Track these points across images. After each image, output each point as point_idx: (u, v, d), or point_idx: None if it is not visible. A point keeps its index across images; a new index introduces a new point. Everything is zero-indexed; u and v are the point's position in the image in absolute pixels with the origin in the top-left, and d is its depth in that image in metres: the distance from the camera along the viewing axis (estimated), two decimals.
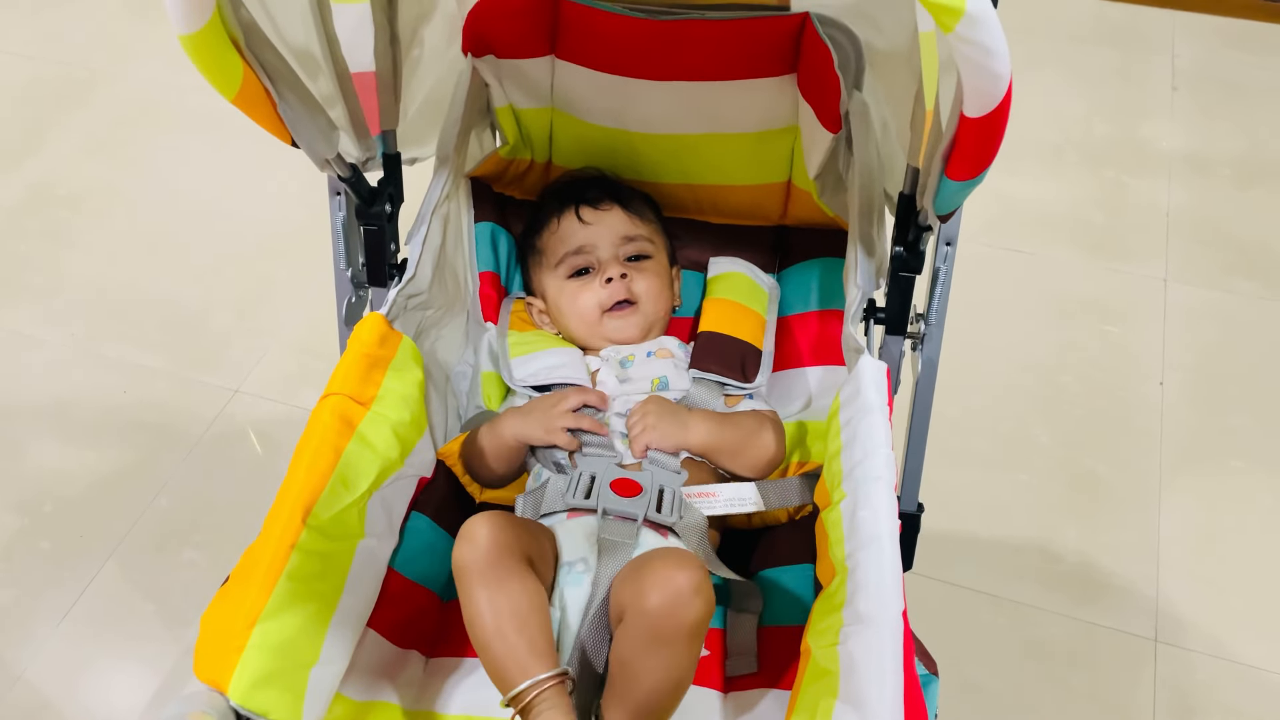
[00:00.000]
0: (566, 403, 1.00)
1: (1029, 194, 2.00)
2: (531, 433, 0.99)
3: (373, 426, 0.91)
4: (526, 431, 0.99)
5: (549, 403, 1.01)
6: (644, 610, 0.78)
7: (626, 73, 1.11)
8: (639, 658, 0.79)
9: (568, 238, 1.13)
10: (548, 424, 0.99)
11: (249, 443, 1.63)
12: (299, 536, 0.81)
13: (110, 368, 1.72)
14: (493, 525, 0.83)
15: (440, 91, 1.11)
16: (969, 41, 0.56)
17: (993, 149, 0.65)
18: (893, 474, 0.81)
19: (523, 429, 0.99)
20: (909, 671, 0.72)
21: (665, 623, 0.78)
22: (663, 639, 0.78)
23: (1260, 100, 2.23)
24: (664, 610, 0.78)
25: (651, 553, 0.87)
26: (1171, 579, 1.44)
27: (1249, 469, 1.57)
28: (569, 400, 1.00)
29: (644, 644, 0.79)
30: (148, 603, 1.42)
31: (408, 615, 0.92)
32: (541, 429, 0.98)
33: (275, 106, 0.79)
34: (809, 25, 1.06)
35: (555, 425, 0.99)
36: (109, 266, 1.89)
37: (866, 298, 0.97)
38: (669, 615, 0.78)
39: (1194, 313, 1.80)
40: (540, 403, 1.02)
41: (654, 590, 0.78)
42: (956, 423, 1.56)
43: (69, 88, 2.27)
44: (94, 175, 2.07)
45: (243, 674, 0.73)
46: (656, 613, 0.78)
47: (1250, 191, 2.02)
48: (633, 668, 0.80)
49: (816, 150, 1.10)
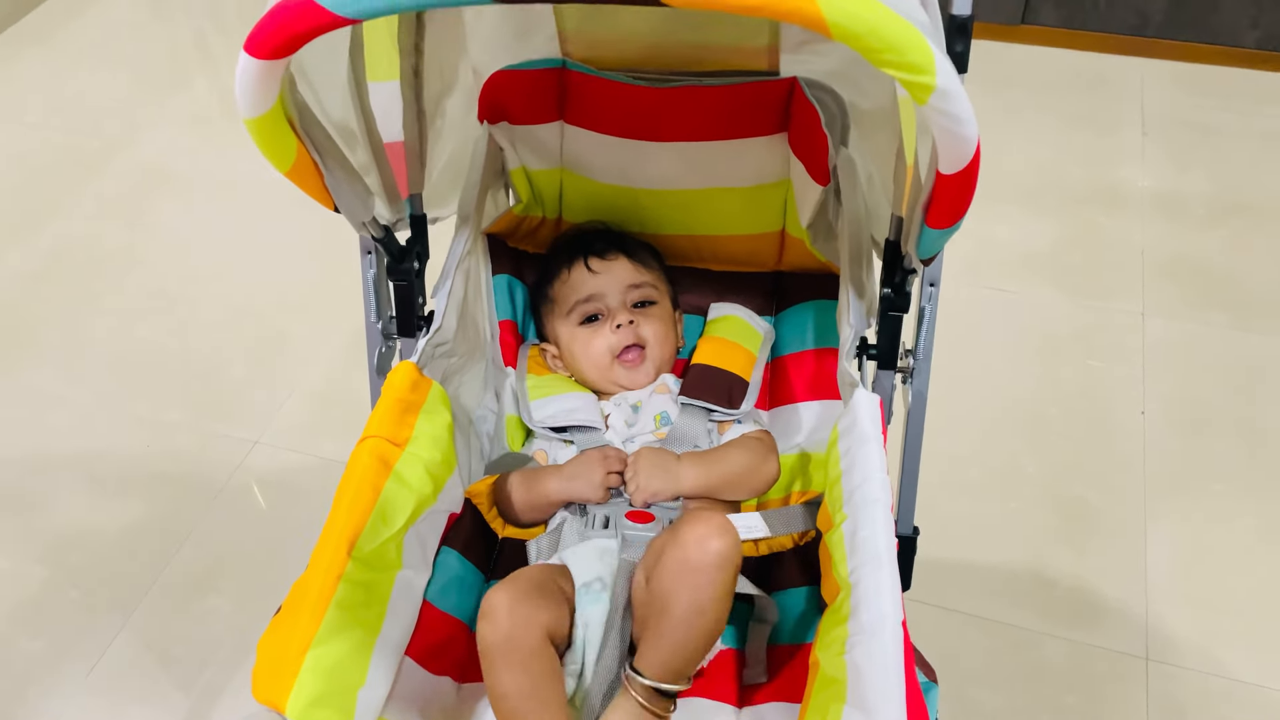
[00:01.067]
0: (611, 466, 1.06)
1: (1010, 236, 2.05)
2: (583, 493, 1.04)
3: (408, 466, 0.96)
4: (576, 492, 1.05)
5: (591, 467, 1.06)
6: (677, 542, 0.87)
7: (631, 135, 1.19)
8: (672, 586, 0.87)
9: (578, 286, 1.19)
10: (596, 489, 1.04)
11: (270, 491, 1.65)
12: (345, 568, 0.85)
13: (133, 423, 1.74)
14: (510, 601, 0.88)
15: (460, 156, 1.17)
16: (941, 112, 0.63)
17: (966, 200, 0.72)
18: (889, 497, 0.87)
19: (571, 490, 1.05)
20: (910, 677, 0.77)
21: (694, 550, 0.86)
22: (691, 566, 0.86)
23: (1225, 142, 2.28)
24: (694, 539, 0.86)
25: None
26: (1160, 599, 1.47)
27: (1230, 491, 1.61)
28: (612, 463, 1.06)
29: (675, 572, 0.87)
30: (175, 648, 1.44)
31: (440, 643, 0.96)
32: (592, 490, 1.04)
33: (323, 177, 0.85)
34: (797, 88, 1.14)
35: (603, 487, 1.05)
36: (128, 326, 1.93)
37: (859, 336, 1.02)
38: (698, 544, 0.86)
39: (1171, 344, 1.83)
40: (582, 468, 1.06)
41: (686, 527, 0.87)
42: (949, 456, 1.59)
43: (84, 156, 2.31)
44: (111, 239, 2.12)
45: (299, 695, 0.78)
46: (686, 540, 0.86)
47: (1219, 229, 2.07)
48: (665, 598, 0.87)
49: (808, 202, 1.17)
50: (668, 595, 0.87)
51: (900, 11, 0.59)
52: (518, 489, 1.08)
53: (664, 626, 0.87)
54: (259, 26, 0.64)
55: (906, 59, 0.60)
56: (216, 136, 2.41)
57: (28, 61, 2.66)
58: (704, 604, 0.87)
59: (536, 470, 1.09)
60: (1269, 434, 1.70)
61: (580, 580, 0.97)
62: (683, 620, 0.87)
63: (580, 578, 0.97)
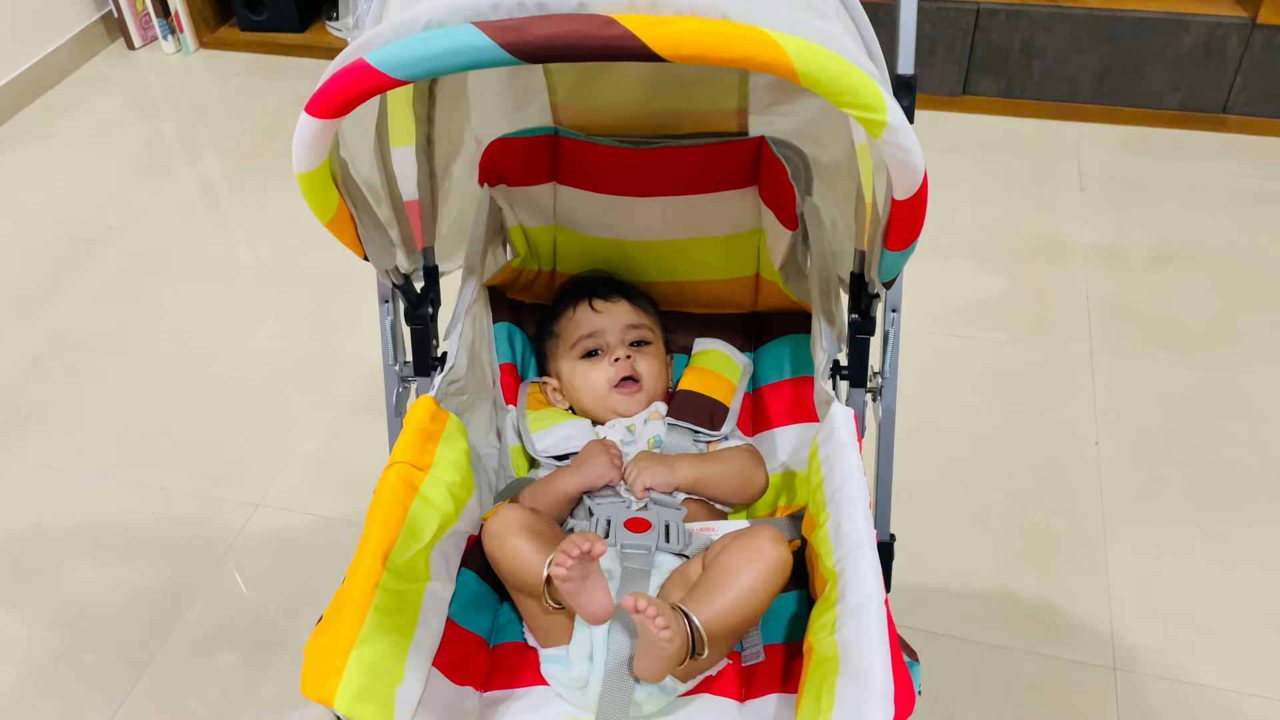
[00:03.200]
0: (611, 449, 1.16)
1: (966, 286, 2.13)
2: (596, 473, 1.13)
3: (432, 487, 1.02)
4: (590, 475, 1.13)
5: (596, 451, 1.15)
6: (753, 534, 0.98)
7: (617, 192, 1.27)
8: (740, 563, 0.96)
9: (582, 324, 1.27)
10: (607, 467, 1.13)
11: (273, 550, 1.67)
12: (380, 577, 0.91)
13: (136, 492, 1.76)
14: (514, 512, 1.01)
15: (465, 214, 1.26)
16: (893, 144, 0.75)
17: (919, 221, 0.83)
18: (866, 494, 0.95)
19: (585, 476, 1.14)
20: (894, 647, 0.84)
21: (768, 545, 0.97)
22: (763, 554, 0.97)
23: (1157, 195, 2.38)
24: (768, 539, 0.97)
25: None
26: (1123, 613, 1.52)
27: (1180, 512, 1.67)
28: (612, 448, 1.16)
29: (746, 552, 0.97)
30: (189, 703, 1.46)
31: (461, 656, 1.02)
32: (604, 469, 1.13)
33: (356, 228, 0.92)
34: (765, 146, 1.25)
35: (612, 465, 1.14)
36: (129, 402, 1.95)
37: (832, 359, 1.10)
38: (772, 543, 0.97)
39: (1119, 380, 1.91)
40: (589, 456, 1.16)
41: (758, 530, 0.99)
42: (919, 488, 1.63)
43: (82, 244, 2.36)
44: (109, 320, 2.15)
45: (346, 689, 0.83)
46: (761, 536, 0.98)
47: (1157, 274, 2.16)
48: (728, 571, 0.96)
49: (779, 246, 1.27)
50: (732, 569, 0.96)
51: (856, 63, 0.71)
52: (534, 492, 1.15)
53: (720, 588, 0.95)
54: (320, 90, 0.73)
55: (862, 100, 0.71)
56: (206, 220, 2.50)
57: (22, 155, 2.73)
58: (759, 587, 0.96)
59: (547, 475, 1.18)
60: (1212, 459, 1.77)
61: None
62: (740, 591, 0.95)
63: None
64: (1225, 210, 2.34)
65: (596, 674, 0.97)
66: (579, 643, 0.99)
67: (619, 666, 0.96)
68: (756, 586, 0.96)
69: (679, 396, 1.26)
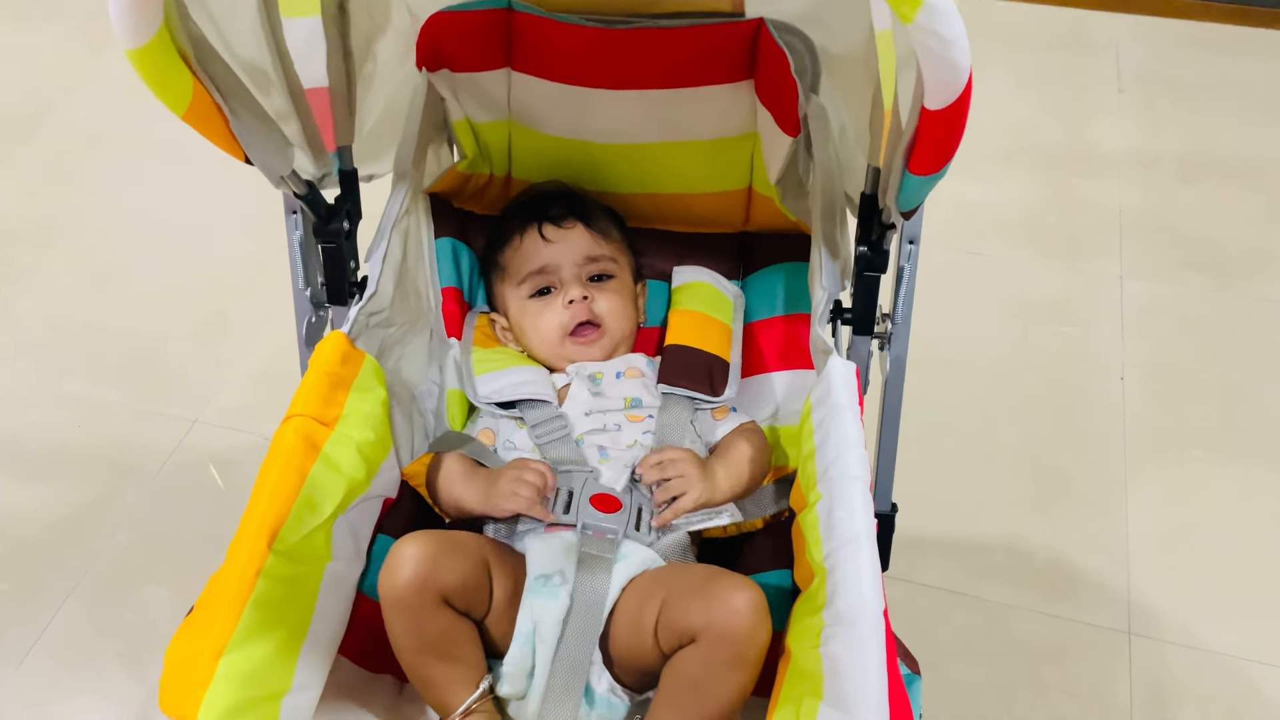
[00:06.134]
0: (532, 477, 0.96)
1: (983, 198, 2.03)
2: (506, 502, 0.96)
3: (337, 447, 0.90)
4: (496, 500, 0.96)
5: (512, 476, 0.97)
6: (729, 634, 0.81)
7: (583, 83, 1.12)
8: (718, 678, 0.82)
9: (530, 256, 1.14)
10: (518, 501, 0.95)
11: (210, 474, 1.61)
12: (264, 562, 0.80)
13: (64, 403, 1.69)
14: (414, 559, 0.84)
15: (396, 106, 1.11)
16: (929, 32, 0.57)
17: (954, 141, 0.66)
18: (867, 472, 0.82)
19: (488, 500, 0.97)
20: (893, 671, 0.73)
21: (748, 645, 0.81)
22: (744, 660, 0.81)
23: (1204, 100, 2.28)
24: (747, 633, 0.81)
25: (708, 574, 0.88)
26: (1142, 571, 1.46)
27: (1210, 458, 1.59)
28: (526, 474, 0.97)
29: (725, 666, 0.81)
30: (110, 640, 1.40)
31: (378, 639, 0.90)
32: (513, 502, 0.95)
33: (228, 123, 0.79)
34: (764, 31, 1.07)
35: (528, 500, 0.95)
36: (59, 301, 1.87)
37: (833, 299, 0.98)
38: (750, 638, 0.81)
39: (1149, 308, 1.82)
40: (502, 478, 0.98)
41: (738, 615, 0.81)
42: (922, 424, 1.53)
43: (14, 124, 2.25)
44: (40, 209, 2.05)
45: (211, 707, 0.72)
46: (743, 636, 0.81)
47: (1197, 187, 2.07)
48: (709, 688, 0.82)
49: (776, 155, 1.11)
50: (714, 688, 0.82)
51: None
52: (444, 485, 1.00)
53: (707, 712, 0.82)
54: None
55: None
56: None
57: None
58: (746, 694, 0.83)
59: (463, 470, 1.01)
60: (1250, 399, 1.69)
61: (536, 571, 0.91)
62: (728, 708, 0.82)
63: (537, 568, 0.91)
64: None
65: (536, 690, 0.87)
66: (517, 656, 0.88)
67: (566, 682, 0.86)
68: (744, 690, 0.83)
69: (669, 354, 1.12)
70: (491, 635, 0.89)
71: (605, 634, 0.89)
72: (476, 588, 0.88)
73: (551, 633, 0.87)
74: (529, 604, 0.89)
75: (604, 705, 0.87)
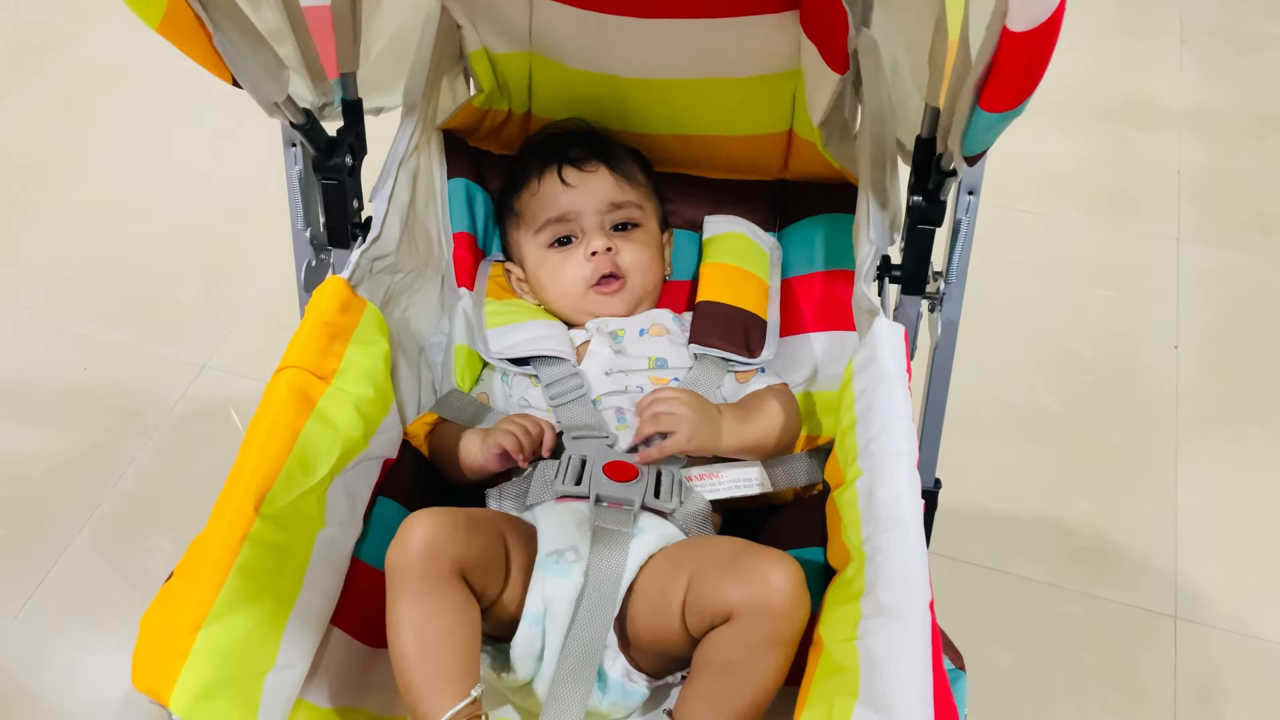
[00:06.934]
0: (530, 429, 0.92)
1: (1034, 153, 1.97)
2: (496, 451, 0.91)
3: (334, 403, 0.85)
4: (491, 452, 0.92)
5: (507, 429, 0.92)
6: (767, 611, 0.76)
7: (611, 10, 1.06)
8: (754, 660, 0.77)
9: (549, 202, 1.08)
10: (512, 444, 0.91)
11: (218, 421, 1.59)
12: (250, 527, 0.75)
13: (70, 343, 1.67)
14: (431, 528, 0.78)
15: (407, 33, 1.05)
16: None
17: (1039, 71, 0.59)
18: (914, 448, 0.76)
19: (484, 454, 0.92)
20: (938, 670, 0.67)
21: (786, 623, 0.77)
22: (782, 639, 0.77)
23: (1272, 52, 2.22)
24: (786, 610, 0.76)
25: (737, 547, 0.83)
26: (1190, 552, 1.42)
27: (1268, 435, 1.55)
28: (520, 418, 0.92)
29: (761, 646, 0.77)
30: (111, 591, 1.38)
31: (379, 610, 0.84)
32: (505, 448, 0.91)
33: (210, 38, 0.72)
34: None
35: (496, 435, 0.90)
36: (67, 238, 1.85)
37: (880, 254, 0.92)
38: (788, 615, 0.77)
39: (1208, 274, 1.78)
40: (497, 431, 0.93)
41: (775, 591, 0.77)
42: (962, 391, 1.54)
43: (26, 54, 2.22)
44: (49, 143, 2.03)
45: (187, 683, 0.67)
46: (781, 613, 0.76)
47: (1262, 146, 2.01)
48: (744, 671, 0.77)
49: (821, 95, 1.04)
50: (750, 670, 0.78)
51: None
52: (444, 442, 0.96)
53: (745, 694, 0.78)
54: None
55: None
56: None
57: None
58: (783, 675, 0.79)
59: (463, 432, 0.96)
60: None
61: (548, 547, 0.85)
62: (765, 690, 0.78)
63: (549, 544, 0.86)
64: None
65: (545, 675, 0.81)
66: (526, 639, 0.82)
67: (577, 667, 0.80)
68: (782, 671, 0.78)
69: (701, 310, 1.06)
70: (500, 617, 0.84)
71: (621, 615, 0.83)
72: (494, 564, 0.82)
73: (563, 614, 0.82)
74: (539, 583, 0.83)
75: (618, 691, 0.82)
